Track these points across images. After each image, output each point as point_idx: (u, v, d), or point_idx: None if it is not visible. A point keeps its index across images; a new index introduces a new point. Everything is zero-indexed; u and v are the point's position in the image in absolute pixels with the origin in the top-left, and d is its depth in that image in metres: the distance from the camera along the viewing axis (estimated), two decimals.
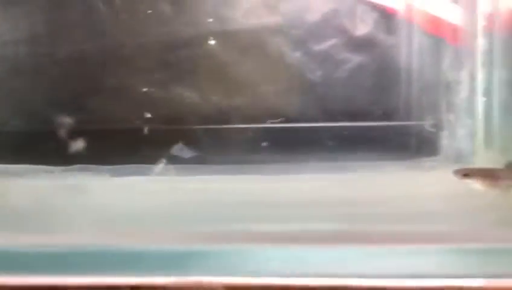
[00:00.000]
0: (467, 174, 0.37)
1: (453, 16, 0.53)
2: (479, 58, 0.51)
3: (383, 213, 0.38)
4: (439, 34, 0.54)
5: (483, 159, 0.49)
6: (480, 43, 0.51)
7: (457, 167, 0.52)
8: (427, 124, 0.54)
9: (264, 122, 0.57)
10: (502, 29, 0.48)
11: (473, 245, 0.26)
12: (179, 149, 0.53)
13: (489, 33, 0.50)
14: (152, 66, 0.57)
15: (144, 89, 0.57)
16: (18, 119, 0.57)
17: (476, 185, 0.37)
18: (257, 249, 0.32)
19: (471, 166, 0.50)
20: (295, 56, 0.57)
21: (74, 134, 0.55)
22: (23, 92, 0.57)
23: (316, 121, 0.56)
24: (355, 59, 0.57)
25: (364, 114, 0.56)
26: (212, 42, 0.56)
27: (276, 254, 0.28)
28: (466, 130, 0.52)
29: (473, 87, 0.51)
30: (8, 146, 0.56)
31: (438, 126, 0.53)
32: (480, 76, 0.50)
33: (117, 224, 0.42)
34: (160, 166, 0.54)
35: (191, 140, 0.56)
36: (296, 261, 0.28)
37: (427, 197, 0.40)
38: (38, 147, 0.56)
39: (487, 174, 0.37)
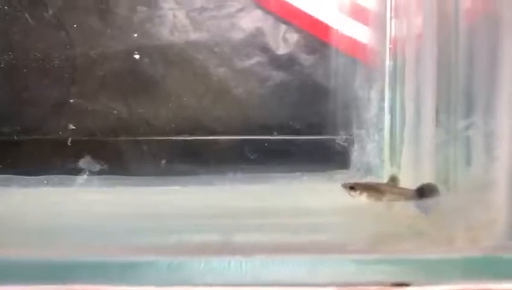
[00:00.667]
0: (353, 187, 0.40)
1: (366, 38, 0.57)
2: (386, 79, 0.55)
3: (276, 223, 0.41)
4: (354, 55, 0.58)
5: (390, 173, 0.53)
6: (387, 64, 0.55)
7: (367, 179, 0.56)
8: (340, 138, 0.57)
9: (190, 134, 0.60)
10: (404, 52, 0.52)
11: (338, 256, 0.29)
12: (86, 162, 0.55)
13: (394, 55, 0.54)
14: (79, 78, 0.59)
15: (71, 101, 0.58)
16: None
17: (361, 198, 0.40)
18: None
19: (379, 179, 0.54)
20: (220, 71, 0.59)
21: None
22: None
23: (239, 134, 0.59)
24: (277, 76, 0.60)
25: (283, 128, 0.59)
26: (137, 56, 0.58)
27: (163, 265, 0.30)
28: (374, 145, 0.55)
29: (381, 105, 0.55)
30: None
31: (349, 141, 0.57)
32: (386, 95, 0.54)
33: (38, 235, 0.43)
34: (84, 177, 0.55)
35: (113, 151, 0.58)
36: (182, 271, 0.30)
37: (323, 209, 0.43)
38: None
39: (372, 188, 0.40)
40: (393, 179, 0.41)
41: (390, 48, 0.54)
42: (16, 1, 0.58)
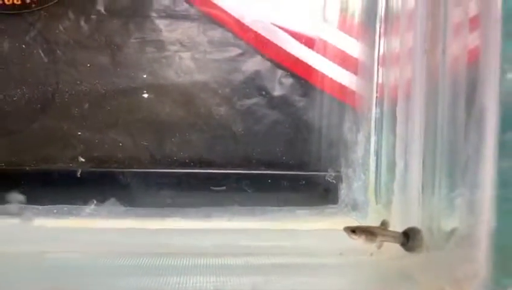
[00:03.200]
0: (353, 230, 0.45)
1: (355, 85, 0.63)
2: (372, 124, 0.61)
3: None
4: (343, 100, 0.64)
5: (374, 211, 0.59)
6: (373, 110, 0.61)
7: (354, 214, 0.62)
8: (329, 175, 0.63)
9: (191, 167, 0.64)
10: (390, 99, 0.58)
11: None
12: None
13: (381, 102, 0.60)
14: (88, 112, 0.62)
15: (79, 133, 0.62)
16: None
17: (360, 240, 0.45)
18: None
19: (363, 216, 0.60)
20: (220, 110, 0.64)
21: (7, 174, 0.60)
22: None
23: (237, 168, 0.64)
24: (273, 116, 0.65)
25: (277, 163, 0.65)
26: (146, 94, 0.62)
27: None
28: (360, 183, 0.61)
29: (367, 147, 0.61)
30: None
31: (338, 178, 0.63)
32: (372, 138, 0.60)
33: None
34: (92, 207, 0.59)
35: (121, 183, 0.62)
36: None
37: (317, 249, 0.48)
38: None
39: (368, 231, 0.45)
40: (384, 223, 0.47)
41: (376, 96, 0.61)
42: (31, 40, 0.61)
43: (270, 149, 0.65)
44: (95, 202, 0.59)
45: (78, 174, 0.60)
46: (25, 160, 0.61)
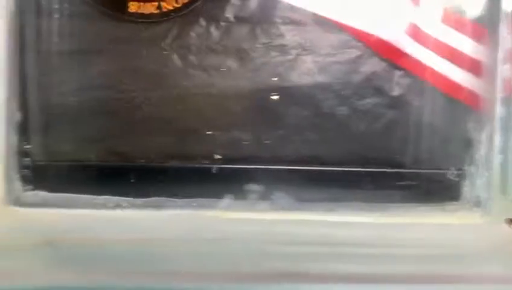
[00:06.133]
0: None
1: (475, 84, 0.65)
2: (497, 123, 0.62)
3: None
4: (463, 100, 0.66)
5: (499, 206, 0.60)
6: (497, 109, 0.62)
7: (476, 210, 0.63)
8: (451, 173, 0.64)
9: (309, 164, 0.67)
10: None
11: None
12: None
13: (506, 101, 0.61)
14: (218, 113, 0.67)
15: (211, 132, 0.66)
16: (101, 155, 0.65)
17: None
18: None
19: (487, 212, 0.61)
20: (341, 109, 0.67)
21: (149, 170, 0.65)
22: (105, 131, 0.66)
23: (359, 166, 0.66)
24: (390, 115, 0.67)
25: (397, 162, 0.67)
26: (272, 96, 0.66)
27: None
28: (484, 180, 0.63)
29: (491, 146, 0.62)
30: (92, 178, 0.64)
31: (460, 176, 0.64)
32: (497, 138, 0.61)
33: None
34: (227, 201, 0.63)
35: (249, 179, 0.65)
36: None
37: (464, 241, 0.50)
38: (119, 180, 0.64)
39: None
40: None
41: (501, 95, 0.62)
42: (166, 46, 0.66)
43: (387, 147, 0.67)
44: (229, 196, 0.63)
45: (213, 171, 0.64)
46: (163, 157, 0.65)
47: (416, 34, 0.66)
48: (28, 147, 0.63)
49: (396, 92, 0.67)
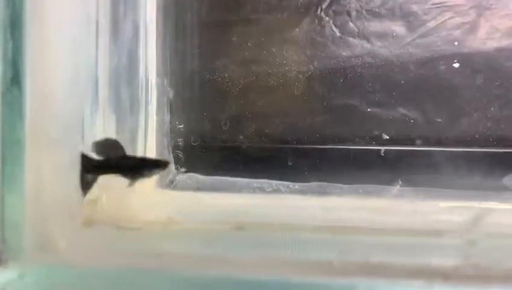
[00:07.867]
0: None
1: None
2: None
3: None
4: None
5: None
6: None
7: None
8: None
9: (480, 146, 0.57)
10: None
11: None
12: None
13: None
14: (382, 88, 0.59)
15: (373, 110, 0.59)
16: (254, 137, 0.60)
17: None
18: None
19: None
20: None
21: (307, 153, 0.59)
22: (259, 110, 0.61)
23: None
24: None
25: None
26: (456, 65, 0.57)
27: None
28: None
29: None
30: (246, 161, 0.60)
31: None
32: None
33: None
34: (397, 188, 0.56)
35: (422, 162, 0.57)
36: None
37: None
38: (275, 163, 0.59)
39: None
40: None
41: None
42: (323, 12, 0.59)
43: None
44: (400, 182, 0.56)
45: (382, 153, 0.57)
46: (324, 139, 0.59)
47: None
48: (180, 127, 0.60)
49: None
